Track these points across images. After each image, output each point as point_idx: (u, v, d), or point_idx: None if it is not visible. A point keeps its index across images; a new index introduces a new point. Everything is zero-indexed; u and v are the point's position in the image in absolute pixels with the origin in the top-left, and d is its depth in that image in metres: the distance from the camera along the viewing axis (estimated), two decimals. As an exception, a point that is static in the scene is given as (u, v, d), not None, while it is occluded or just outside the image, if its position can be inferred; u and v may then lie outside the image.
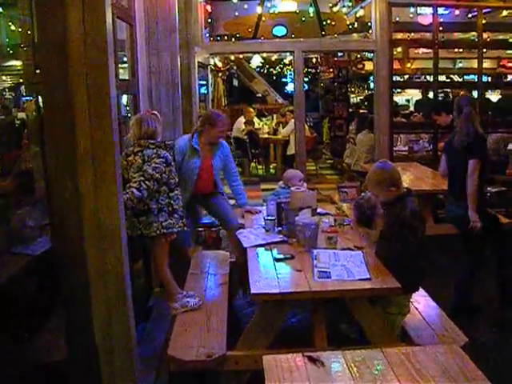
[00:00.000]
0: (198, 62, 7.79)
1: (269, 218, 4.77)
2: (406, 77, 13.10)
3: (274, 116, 14.95)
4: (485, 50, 9.02)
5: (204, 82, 9.60)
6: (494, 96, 12.48)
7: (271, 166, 13.51)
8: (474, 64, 9.20)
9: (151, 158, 4.19)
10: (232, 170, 5.78)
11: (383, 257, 3.89)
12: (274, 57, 16.93)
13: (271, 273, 3.82)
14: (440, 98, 11.28)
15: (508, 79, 15.16)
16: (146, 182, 4.08)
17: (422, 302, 4.35)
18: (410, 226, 3.79)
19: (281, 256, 4.11)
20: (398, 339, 3.80)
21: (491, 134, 7.89)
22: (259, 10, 11.57)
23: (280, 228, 4.67)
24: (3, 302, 3.27)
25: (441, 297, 4.66)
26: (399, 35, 10.41)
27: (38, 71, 3.15)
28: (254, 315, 3.81)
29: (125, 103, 6.21)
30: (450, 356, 2.61)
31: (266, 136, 13.49)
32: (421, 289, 4.38)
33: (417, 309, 4.24)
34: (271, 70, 19.84)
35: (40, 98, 3.38)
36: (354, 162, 9.82)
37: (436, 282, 5.32)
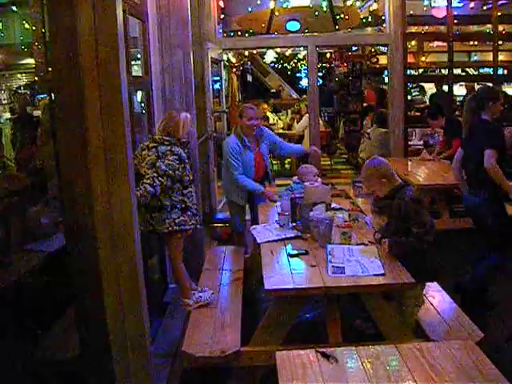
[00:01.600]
0: (212, 58, 7.78)
1: (283, 213, 4.76)
2: (421, 70, 12.99)
3: (289, 111, 14.91)
4: (500, 43, 8.95)
5: (218, 78, 9.58)
6: (510, 89, 12.35)
7: (286, 162, 13.47)
8: (490, 57, 9.11)
9: (165, 155, 4.20)
10: (278, 142, 6.28)
11: (395, 253, 3.87)
12: (288, 52, 16.89)
13: (285, 268, 3.81)
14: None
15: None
16: (160, 179, 4.10)
17: (437, 297, 4.33)
18: (414, 212, 3.77)
19: (295, 251, 4.10)
20: (413, 333, 3.79)
21: (507, 128, 7.83)
22: (272, 4, 11.50)
23: (294, 223, 4.66)
24: (17, 299, 3.29)
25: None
26: (413, 28, 10.34)
27: (50, 69, 3.16)
28: (268, 311, 3.80)
29: (139, 100, 6.21)
30: (465, 352, 2.59)
31: (281, 131, 13.44)
32: (436, 284, 4.37)
33: (432, 304, 4.22)
34: (285, 65, 19.79)
35: (52, 95, 3.39)
36: (368, 156, 9.78)
37: (451, 276, 5.31)
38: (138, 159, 4.25)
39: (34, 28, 4.31)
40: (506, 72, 10.68)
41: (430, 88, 14.56)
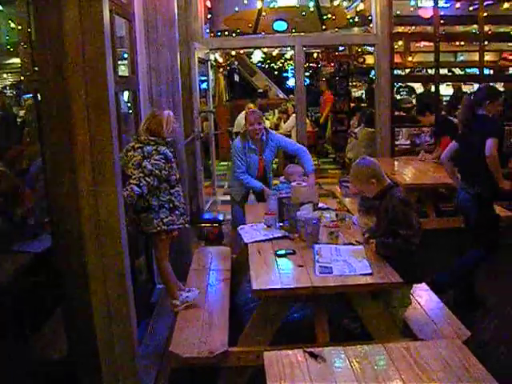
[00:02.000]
0: (199, 58, 7.77)
1: (270, 213, 4.76)
2: (408, 70, 13.06)
3: (276, 111, 14.90)
4: (486, 43, 9.00)
5: (204, 78, 9.56)
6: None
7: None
8: (476, 57, 9.16)
9: (151, 155, 4.18)
10: (292, 147, 6.30)
11: (382, 254, 3.87)
12: (275, 52, 16.89)
13: (273, 268, 3.80)
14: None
15: (510, 72, 15.07)
16: (146, 178, 4.07)
17: (424, 297, 4.34)
18: (402, 214, 3.76)
19: (282, 251, 4.09)
20: (400, 333, 3.80)
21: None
22: (259, 4, 11.48)
23: (281, 223, 4.65)
24: (5, 300, 3.27)
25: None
26: (400, 29, 10.39)
27: (36, 68, 3.13)
28: (256, 311, 3.80)
29: (126, 99, 6.18)
30: (452, 351, 2.60)
31: (268, 131, 13.42)
32: (423, 283, 4.37)
33: (419, 303, 4.23)
34: (272, 65, 19.79)
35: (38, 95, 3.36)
36: (355, 156, 9.80)
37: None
38: (124, 160, 4.21)
39: (19, 27, 4.26)
40: (491, 72, 10.75)
41: (418, 88, 14.65)
